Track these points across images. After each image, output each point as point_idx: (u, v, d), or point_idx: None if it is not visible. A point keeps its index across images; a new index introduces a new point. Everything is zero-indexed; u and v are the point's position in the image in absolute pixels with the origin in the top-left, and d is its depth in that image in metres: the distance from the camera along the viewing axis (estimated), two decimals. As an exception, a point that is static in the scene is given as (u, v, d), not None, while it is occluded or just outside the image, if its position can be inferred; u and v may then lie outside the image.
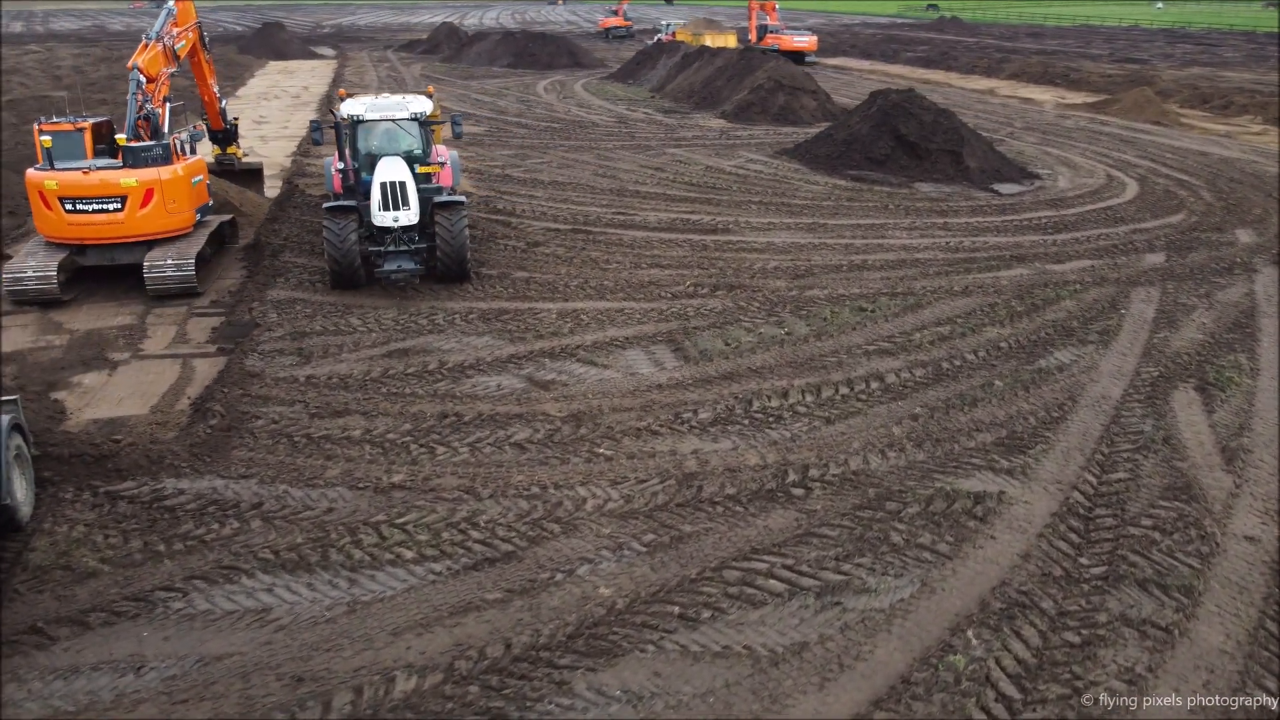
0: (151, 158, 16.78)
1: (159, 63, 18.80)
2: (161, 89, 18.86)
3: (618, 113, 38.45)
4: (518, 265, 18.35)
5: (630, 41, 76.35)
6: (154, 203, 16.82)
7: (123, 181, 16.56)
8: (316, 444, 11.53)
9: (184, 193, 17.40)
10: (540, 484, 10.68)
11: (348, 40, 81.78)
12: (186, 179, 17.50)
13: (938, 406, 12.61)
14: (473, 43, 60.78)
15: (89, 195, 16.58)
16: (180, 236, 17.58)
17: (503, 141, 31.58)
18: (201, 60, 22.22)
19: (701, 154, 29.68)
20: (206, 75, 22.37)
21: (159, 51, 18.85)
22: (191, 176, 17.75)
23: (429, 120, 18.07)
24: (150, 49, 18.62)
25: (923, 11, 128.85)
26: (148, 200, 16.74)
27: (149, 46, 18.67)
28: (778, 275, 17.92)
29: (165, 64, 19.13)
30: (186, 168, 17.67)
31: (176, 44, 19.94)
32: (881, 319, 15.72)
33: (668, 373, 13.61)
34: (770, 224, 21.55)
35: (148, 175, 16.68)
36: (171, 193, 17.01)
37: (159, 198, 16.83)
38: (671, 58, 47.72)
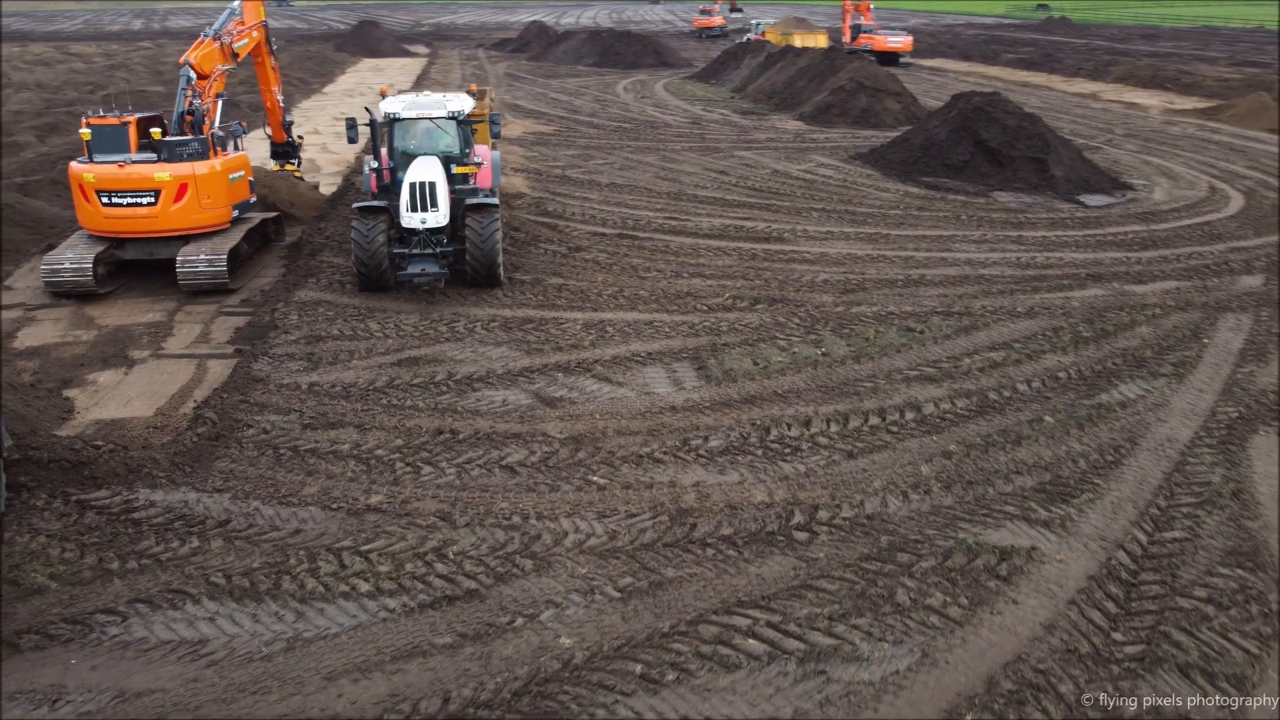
0: (188, 152, 16.63)
1: (213, 60, 18.67)
2: (214, 86, 18.71)
3: (693, 113, 37.54)
4: (554, 271, 17.66)
5: (723, 41, 75.20)
6: (188, 197, 16.67)
7: (156, 175, 16.45)
8: (301, 458, 11.00)
9: (220, 188, 17.21)
10: (523, 513, 9.92)
11: (443, 38, 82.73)
12: (224, 174, 17.31)
13: (976, 443, 11.40)
14: (559, 41, 60.59)
15: (124, 188, 16.52)
16: (216, 232, 17.41)
17: (570, 141, 31.01)
18: (266, 63, 22.03)
19: (771, 157, 28.57)
20: (270, 80, 22.15)
21: (215, 49, 18.71)
22: (230, 172, 17.56)
23: (468, 119, 17.51)
24: (205, 46, 18.50)
25: (1032, 11, 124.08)
26: (181, 195, 16.59)
27: (204, 43, 18.54)
28: (826, 289, 16.80)
29: (221, 61, 18.98)
30: (225, 163, 17.49)
31: (237, 42, 19.78)
32: (930, 341, 14.49)
33: (685, 393, 12.70)
34: (828, 233, 20.38)
35: (182, 170, 16.53)
36: (206, 188, 16.84)
37: (193, 193, 16.67)
38: (755, 58, 46.56)
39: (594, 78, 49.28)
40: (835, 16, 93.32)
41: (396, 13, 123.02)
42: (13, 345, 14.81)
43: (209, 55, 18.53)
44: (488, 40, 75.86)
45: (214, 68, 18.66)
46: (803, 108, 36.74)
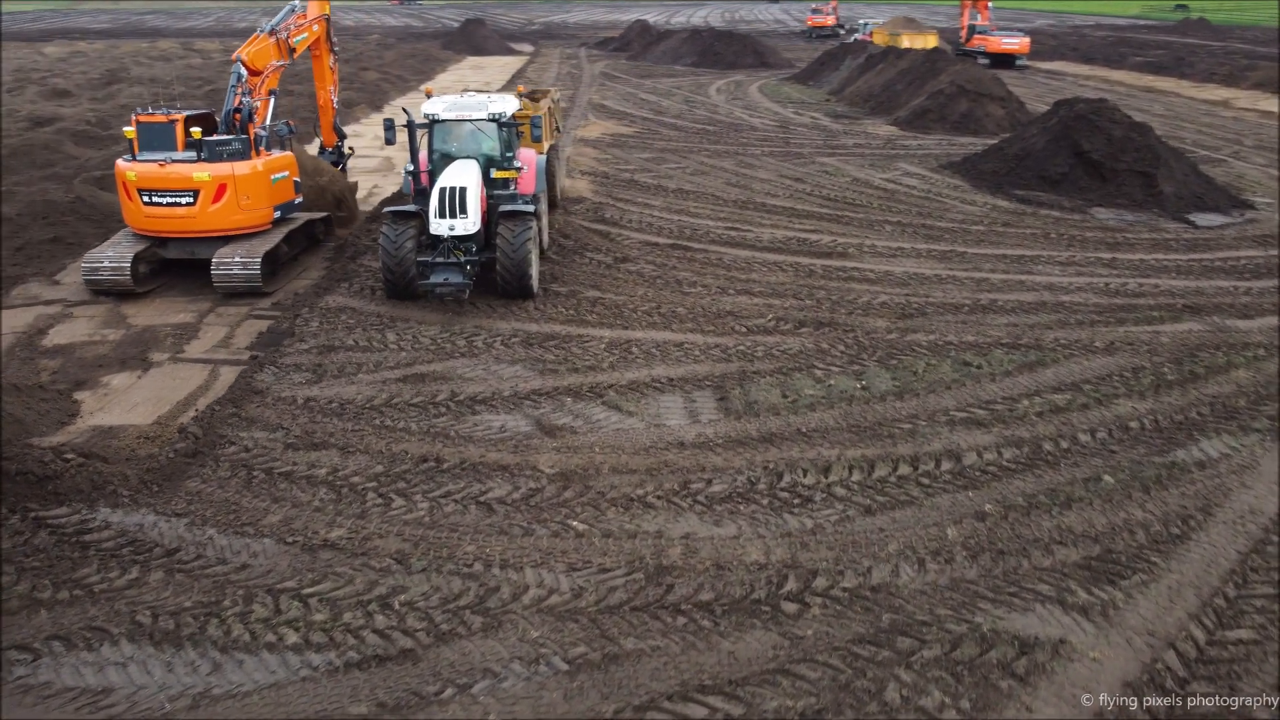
0: (228, 152, 16.33)
1: (267, 56, 18.35)
2: (266, 82, 18.40)
3: (783, 116, 36.12)
4: (593, 283, 16.73)
5: (835, 41, 73.03)
6: (227, 198, 16.37)
7: (195, 175, 16.20)
8: (274, 482, 10.36)
9: (261, 189, 16.87)
10: (487, 559, 9.02)
11: (550, 37, 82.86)
12: (265, 175, 16.96)
13: (1017, 504, 9.97)
14: (659, 40, 59.69)
15: (164, 188, 16.33)
16: (256, 234, 17.09)
17: (647, 144, 30.07)
18: (324, 59, 21.64)
19: (854, 165, 27.03)
20: (326, 78, 21.76)
21: (269, 44, 18.37)
22: (272, 173, 17.20)
23: (512, 121, 16.72)
24: (259, 41, 18.16)
25: (1169, 12, 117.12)
26: (220, 195, 16.30)
27: (258, 38, 18.22)
28: (881, 312, 15.40)
29: (275, 57, 18.65)
30: (268, 164, 17.14)
31: (295, 37, 19.46)
32: (987, 378, 12.99)
33: (698, 428, 11.59)
34: (899, 249, 18.89)
35: (221, 170, 16.24)
36: (246, 189, 16.51)
37: (232, 193, 16.36)
38: (856, 59, 44.73)
39: (689, 78, 48.22)
40: (954, 16, 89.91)
41: (511, 11, 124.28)
42: (42, 343, 14.72)
43: (262, 51, 18.22)
44: (592, 39, 75.52)
45: (267, 63, 18.33)
46: (899, 112, 34.91)
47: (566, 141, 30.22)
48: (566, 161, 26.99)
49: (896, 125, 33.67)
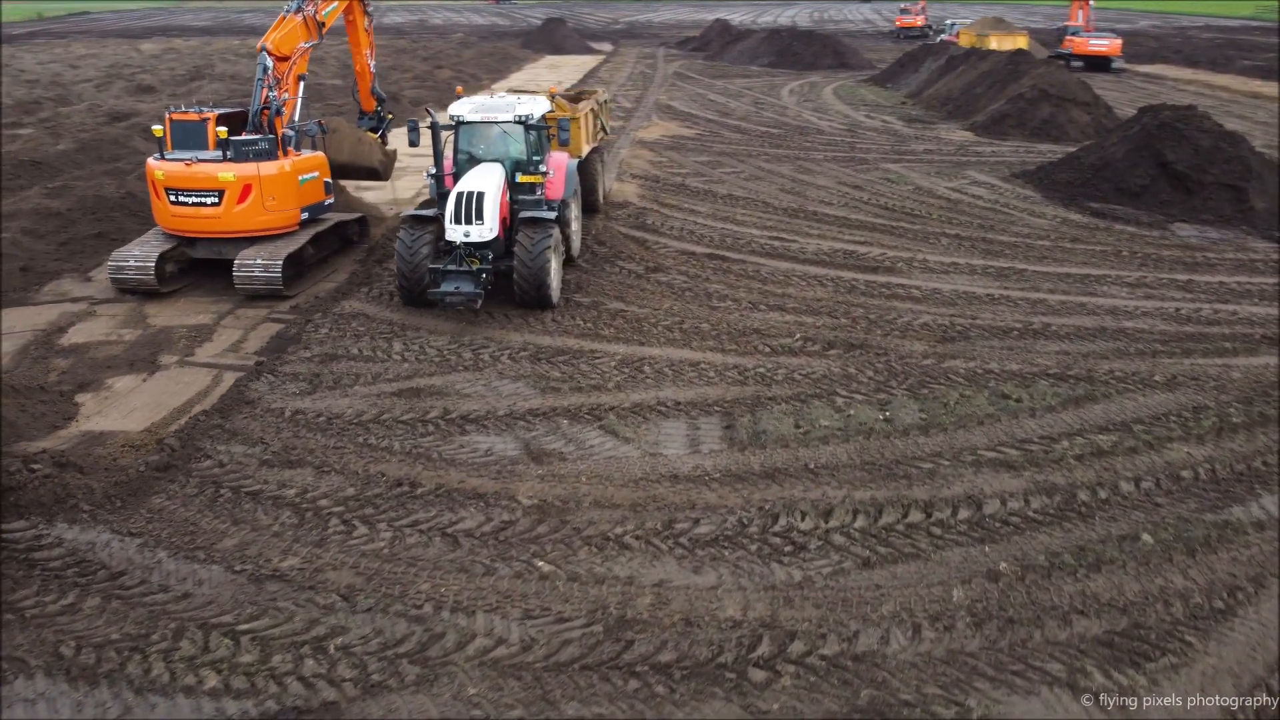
0: (255, 152, 16.02)
1: (295, 38, 17.66)
2: (295, 67, 17.79)
3: (853, 120, 34.81)
4: (618, 294, 15.98)
5: (923, 43, 70.86)
6: (251, 199, 16.08)
7: (220, 175, 15.95)
8: (239, 501, 9.88)
9: (287, 190, 16.53)
10: (439, 599, 8.35)
11: (632, 36, 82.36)
12: (293, 176, 16.62)
13: (1037, 563, 8.88)
14: (737, 40, 58.56)
15: (189, 187, 16.13)
16: (282, 235, 16.78)
17: (706, 147, 29.18)
18: (358, 24, 20.84)
19: (920, 172, 25.70)
20: (362, 44, 21.10)
21: (296, 25, 17.64)
22: (300, 174, 16.86)
23: (541, 124, 16.06)
24: (285, 24, 17.54)
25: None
26: (245, 196, 16.02)
27: (284, 20, 17.65)
28: (921, 335, 14.29)
29: (304, 37, 17.92)
30: (296, 164, 16.81)
31: (323, 10, 18.69)
32: (1026, 413, 11.83)
33: (697, 458, 10.74)
34: (951, 265, 17.67)
35: (246, 170, 15.95)
36: (272, 189, 16.19)
37: (257, 194, 16.06)
38: (937, 60, 43.01)
39: (763, 79, 47.07)
40: (1053, 17, 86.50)
41: (599, 11, 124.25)
42: (59, 341, 14.63)
43: (290, 34, 17.63)
44: (674, 39, 74.72)
45: (295, 46, 17.67)
46: (976, 117, 33.29)
47: (624, 143, 29.57)
48: (620, 164, 26.32)
49: (972, 130, 32.09)
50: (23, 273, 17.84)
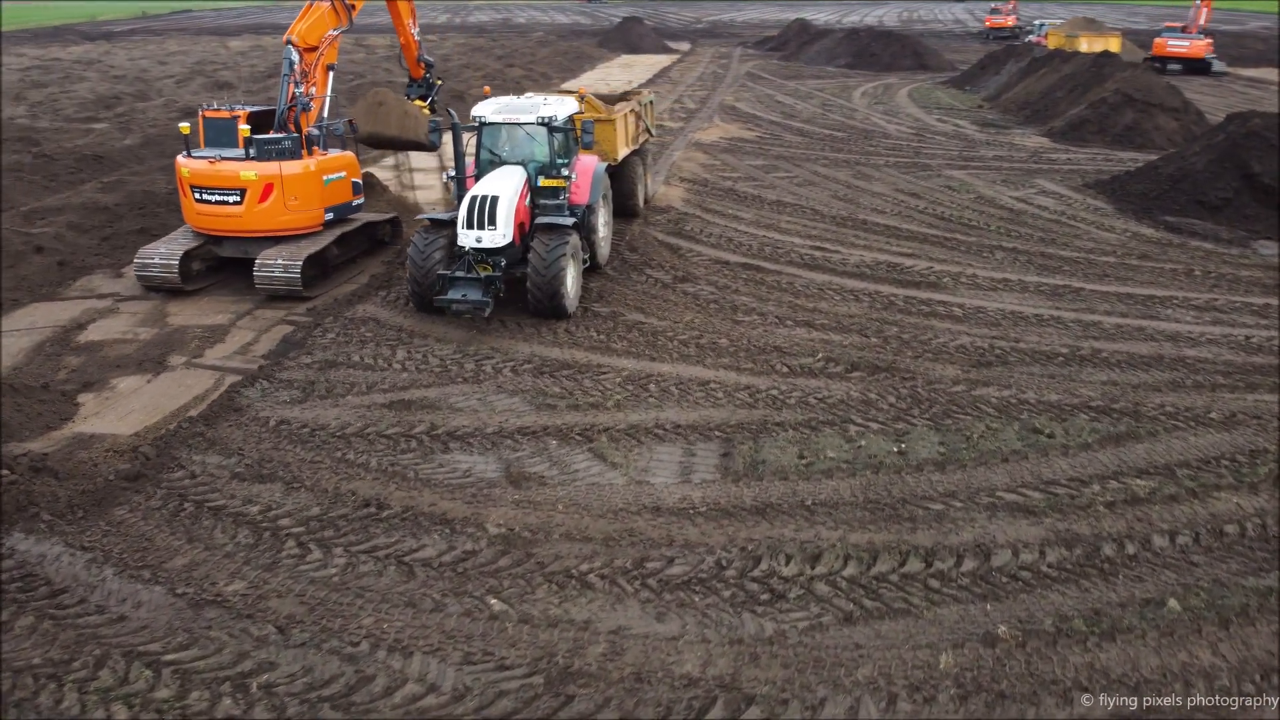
0: (278, 151, 15.80)
1: (322, 25, 17.21)
2: (324, 56, 17.35)
3: (923, 123, 33.43)
4: (639, 305, 15.29)
5: (1012, 43, 68.33)
6: (273, 198, 15.86)
7: (242, 174, 15.77)
8: (200, 517, 9.51)
9: (310, 190, 16.26)
10: (379, 636, 7.80)
11: (712, 36, 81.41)
12: (316, 176, 16.34)
13: (1043, 629, 7.92)
14: (814, 40, 57.19)
15: (212, 185, 16.00)
16: (306, 235, 16.53)
17: (764, 150, 28.27)
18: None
19: (985, 180, 24.39)
20: (403, 15, 20.64)
21: (323, 11, 17.17)
22: (326, 174, 16.57)
23: (568, 125, 15.46)
24: (311, 13, 17.09)
25: None
26: (266, 195, 15.81)
27: (310, 10, 17.14)
28: (955, 358, 13.27)
29: (332, 24, 17.45)
30: (321, 164, 16.53)
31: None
32: (1057, 450, 10.77)
33: (685, 489, 10.00)
34: (1002, 281, 16.51)
35: (268, 169, 15.73)
36: (294, 189, 15.94)
37: (279, 194, 15.84)
38: (1019, 62, 41.16)
39: (837, 80, 45.76)
40: (1156, 18, 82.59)
41: (684, 10, 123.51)
42: (76, 338, 14.60)
43: (316, 22, 17.22)
44: (753, 38, 73.55)
45: (323, 35, 17.30)
46: (1054, 122, 31.63)
47: (679, 145, 28.86)
48: (670, 167, 25.62)
49: (1049, 136, 30.47)
50: (60, 267, 18.00)
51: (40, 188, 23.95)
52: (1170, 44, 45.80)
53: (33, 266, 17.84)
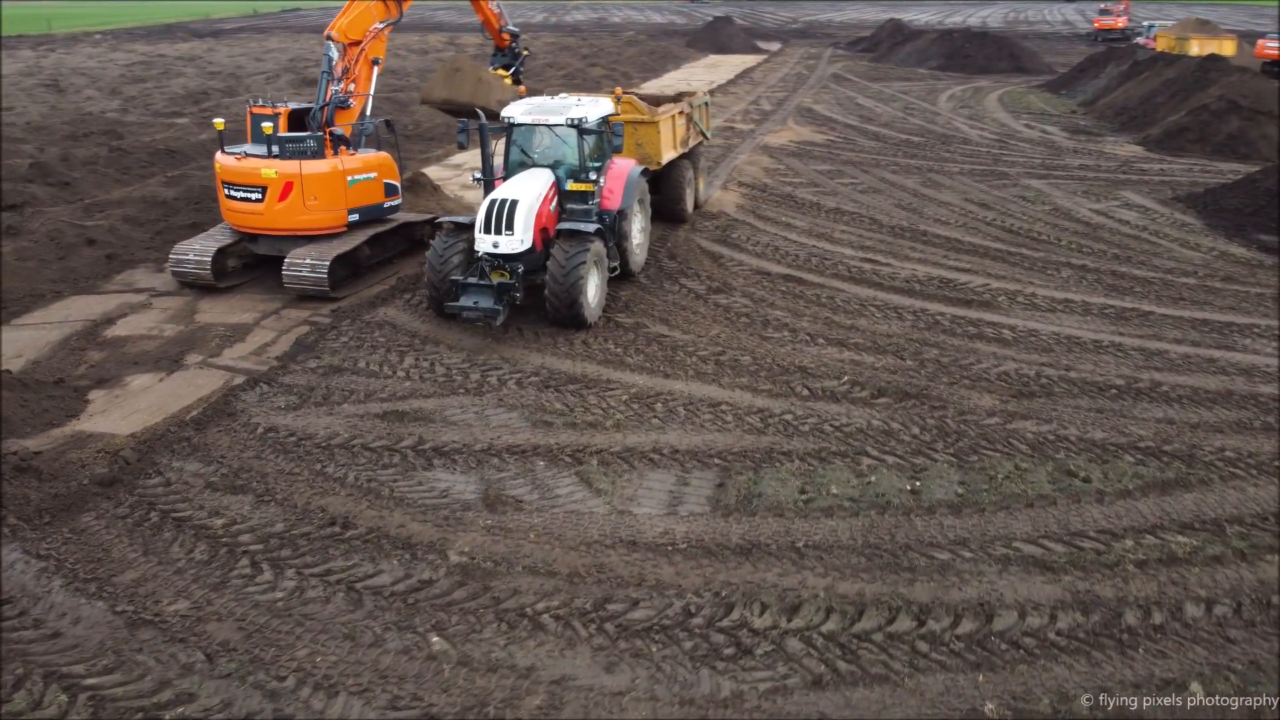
0: (300, 150, 15.62)
1: (366, 19, 16.92)
2: (368, 49, 17.03)
3: (1008, 129, 31.79)
4: (665, 316, 14.60)
5: (1118, 45, 65.09)
6: (292, 197, 15.70)
7: (263, 172, 15.67)
8: (162, 529, 9.22)
9: (332, 191, 15.94)
10: (308, 672, 7.33)
11: (806, 36, 79.89)
12: (339, 176, 15.95)
13: (1037, 709, 6.97)
14: (907, 41, 55.36)
15: (239, 182, 15.97)
16: (334, 234, 16.30)
17: (833, 154, 27.20)
18: None
19: (1064, 190, 22.90)
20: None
21: (367, 8, 16.96)
22: (353, 174, 16.19)
23: (602, 127, 14.85)
24: (354, 8, 16.80)
25: None
26: (286, 194, 15.66)
27: (353, 5, 16.82)
28: (995, 387, 12.21)
29: (378, 17, 17.13)
30: (347, 164, 16.14)
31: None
32: (1091, 497, 9.69)
33: (669, 522, 9.29)
34: (1063, 302, 15.28)
35: (288, 168, 15.57)
36: (314, 189, 15.73)
37: (298, 192, 15.66)
38: (1120, 65, 38.95)
39: (925, 83, 44.09)
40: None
41: (780, 9, 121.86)
42: (104, 333, 14.65)
43: (360, 16, 16.88)
44: (847, 38, 71.83)
45: (367, 28, 16.99)
46: (1150, 129, 29.68)
47: (745, 148, 28.00)
48: (731, 171, 24.82)
49: (1143, 145, 28.59)
50: (108, 260, 18.23)
51: (111, 181, 24.52)
52: (1266, 46, 42.69)
53: (82, 259, 18.11)
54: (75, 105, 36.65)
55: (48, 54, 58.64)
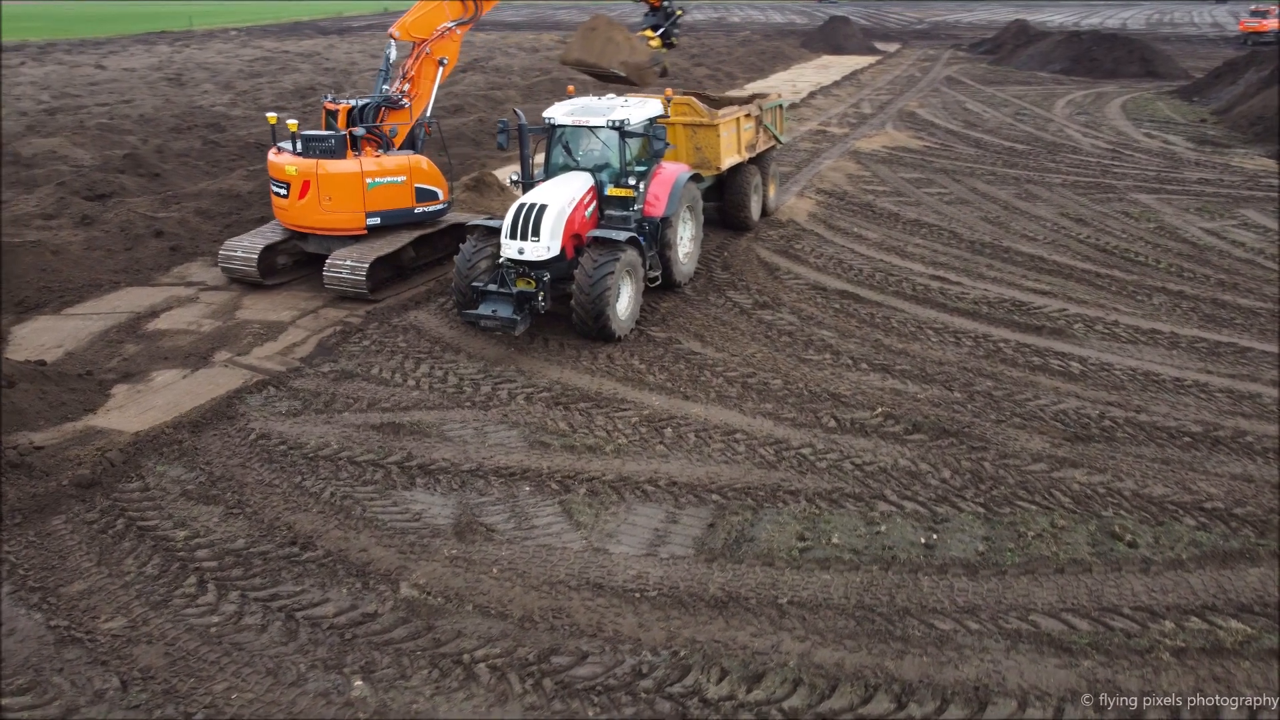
0: (321, 148, 15.39)
1: (438, 17, 16.52)
2: (433, 48, 16.53)
3: (1126, 138, 29.55)
4: (700, 332, 13.76)
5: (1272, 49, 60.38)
6: (309, 196, 15.50)
7: (287, 169, 15.54)
8: (123, 538, 8.95)
9: (348, 191, 15.46)
10: (218, 710, 6.89)
11: (929, 37, 77.14)
12: (356, 178, 15.39)
13: (1015, 826, 5.91)
14: (1030, 43, 52.53)
15: (274, 178, 15.92)
16: (373, 237, 16.00)
17: (925, 162, 25.72)
18: None
19: (1175, 207, 20.96)
20: None
21: (438, 6, 16.47)
22: (373, 177, 15.65)
23: (633, 131, 14.10)
24: (423, 6, 16.43)
25: None
26: (304, 192, 15.49)
27: (423, 3, 16.48)
28: (1048, 427, 10.94)
29: (449, 16, 16.65)
30: (367, 166, 15.64)
31: None
32: (1135, 565, 8.44)
33: (645, 564, 8.49)
34: (1149, 333, 13.76)
35: (307, 166, 15.36)
36: (330, 189, 15.39)
37: (314, 191, 15.43)
38: (1260, 70, 35.85)
39: (1044, 87, 41.63)
40: None
41: (907, 10, 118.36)
42: (146, 326, 14.70)
43: (429, 14, 16.40)
44: (971, 39, 68.94)
45: (435, 27, 16.50)
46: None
47: (833, 153, 26.78)
48: (813, 177, 23.69)
49: (1277, 159, 26.07)
50: (171, 252, 18.46)
51: (201, 173, 25.06)
52: None
53: (147, 250, 18.38)
54: (189, 99, 37.94)
55: (182, 49, 61.33)
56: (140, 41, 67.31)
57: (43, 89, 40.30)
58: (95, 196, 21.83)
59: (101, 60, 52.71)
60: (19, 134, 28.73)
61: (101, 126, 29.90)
